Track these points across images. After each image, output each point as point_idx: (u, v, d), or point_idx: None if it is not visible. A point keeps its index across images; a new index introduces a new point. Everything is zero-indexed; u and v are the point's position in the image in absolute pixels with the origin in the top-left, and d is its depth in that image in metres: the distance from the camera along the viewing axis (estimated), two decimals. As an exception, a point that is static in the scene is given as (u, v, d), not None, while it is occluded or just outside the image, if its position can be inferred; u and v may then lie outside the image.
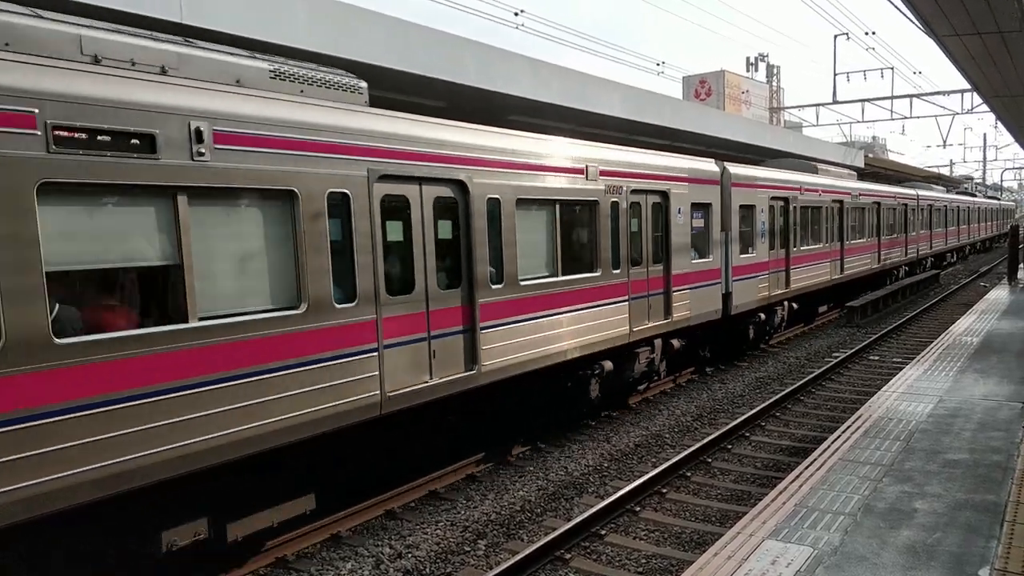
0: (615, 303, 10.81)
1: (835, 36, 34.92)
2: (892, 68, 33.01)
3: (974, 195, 54.69)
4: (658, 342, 12.13)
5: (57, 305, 5.04)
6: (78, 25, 5.52)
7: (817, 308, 21.21)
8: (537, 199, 9.31)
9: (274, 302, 6.36)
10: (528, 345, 9.14)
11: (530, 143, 9.27)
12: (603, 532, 7.46)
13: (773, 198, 16.03)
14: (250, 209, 6.22)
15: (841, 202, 20.62)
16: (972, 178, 79.11)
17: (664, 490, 8.55)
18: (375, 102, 8.07)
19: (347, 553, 7.25)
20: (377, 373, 7.16)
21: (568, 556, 6.97)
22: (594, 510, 7.57)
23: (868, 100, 35.55)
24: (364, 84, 7.62)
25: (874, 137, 78.83)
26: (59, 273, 5.07)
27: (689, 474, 9.07)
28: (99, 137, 5.17)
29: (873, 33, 30.96)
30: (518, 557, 6.59)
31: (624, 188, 10.92)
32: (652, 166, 11.74)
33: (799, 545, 5.13)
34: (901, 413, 8.31)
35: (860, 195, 22.39)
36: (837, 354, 16.31)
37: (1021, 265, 23.98)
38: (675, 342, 12.71)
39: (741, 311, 14.68)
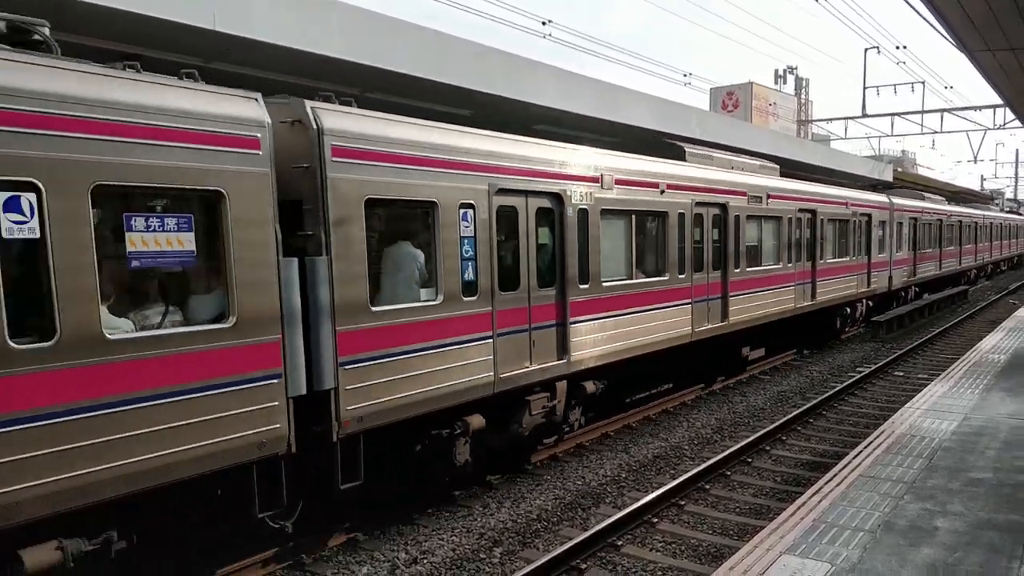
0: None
1: (865, 49, 34.81)
2: (923, 82, 32.74)
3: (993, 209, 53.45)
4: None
5: None
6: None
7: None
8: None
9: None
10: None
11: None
12: (620, 543, 7.43)
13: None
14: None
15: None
16: (1003, 193, 77.93)
17: (682, 502, 8.50)
18: (406, 111, 8.20)
19: (363, 557, 7.29)
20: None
21: (584, 566, 6.95)
22: (611, 520, 7.54)
23: (898, 114, 35.23)
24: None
25: (904, 151, 77.94)
26: None
27: (708, 487, 9.01)
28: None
29: (904, 47, 30.68)
30: (533, 566, 6.58)
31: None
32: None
33: (817, 561, 5.08)
34: (924, 430, 8.20)
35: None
36: (861, 369, 16.12)
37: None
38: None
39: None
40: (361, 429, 6.87)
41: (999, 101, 22.88)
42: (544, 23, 19.99)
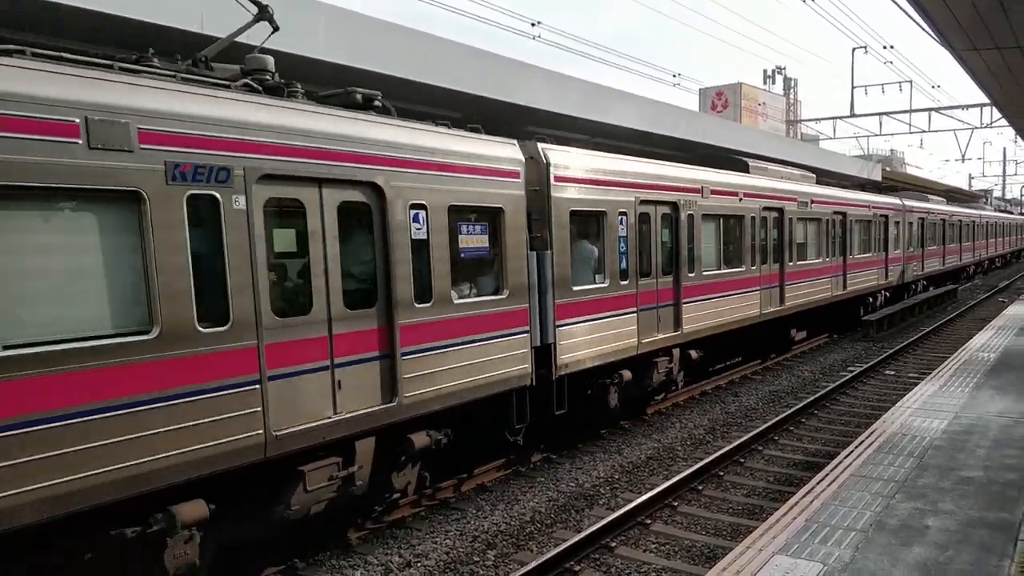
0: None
1: (853, 49, 34.92)
2: (911, 82, 32.95)
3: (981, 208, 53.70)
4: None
5: None
6: None
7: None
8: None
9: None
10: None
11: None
12: (613, 544, 7.44)
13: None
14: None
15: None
16: (991, 192, 78.42)
17: (675, 503, 8.52)
18: (403, 114, 8.25)
19: (356, 561, 7.27)
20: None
21: (578, 568, 6.96)
22: (604, 522, 7.55)
23: (886, 113, 35.42)
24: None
25: (892, 151, 78.34)
26: None
27: (701, 487, 9.03)
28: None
29: (891, 47, 30.83)
30: (527, 568, 6.58)
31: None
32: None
33: (809, 561, 5.10)
34: (915, 429, 8.24)
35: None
36: (852, 368, 16.19)
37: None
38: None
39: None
40: (567, 373, 9.66)
41: (986, 100, 23.02)
42: (534, 24, 20.00)
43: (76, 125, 4.97)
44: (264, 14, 7.50)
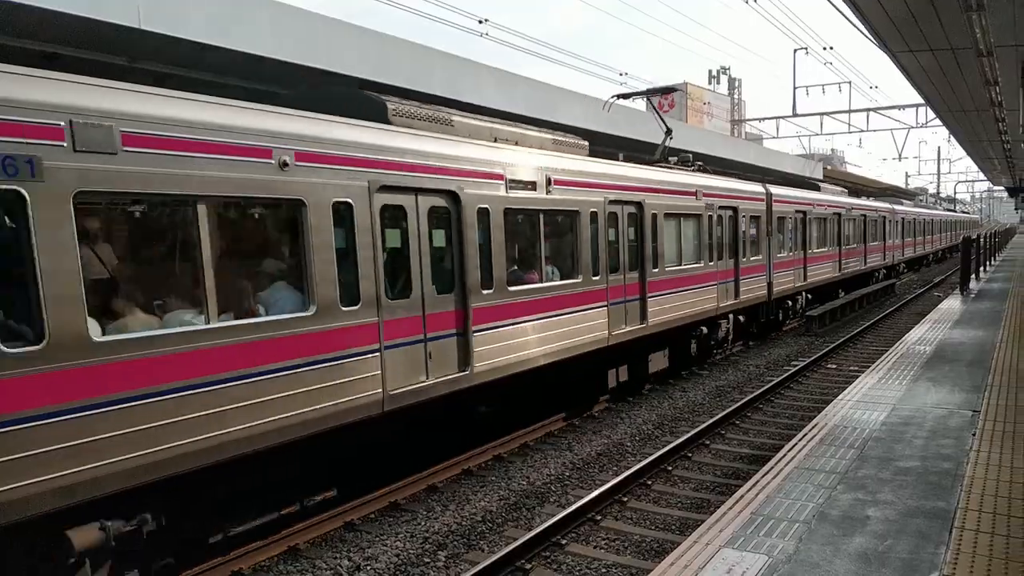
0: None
1: (795, 50, 35.54)
2: (850, 82, 33.78)
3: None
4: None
5: None
6: None
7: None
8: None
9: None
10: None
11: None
12: (564, 542, 7.47)
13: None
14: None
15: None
16: (927, 190, 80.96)
17: (625, 499, 8.59)
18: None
19: (304, 566, 7.16)
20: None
21: (529, 566, 6.97)
22: (555, 520, 7.57)
23: (827, 113, 36.24)
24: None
25: (833, 150, 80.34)
26: None
27: (650, 482, 9.13)
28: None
29: (831, 48, 31.55)
30: (477, 568, 6.56)
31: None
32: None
33: (755, 553, 5.18)
34: (856, 421, 8.45)
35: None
36: (796, 362, 16.55)
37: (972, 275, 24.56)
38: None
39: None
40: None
41: (921, 101, 23.71)
42: (481, 22, 19.95)
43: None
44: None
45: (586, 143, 11.86)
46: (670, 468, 9.65)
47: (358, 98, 8.52)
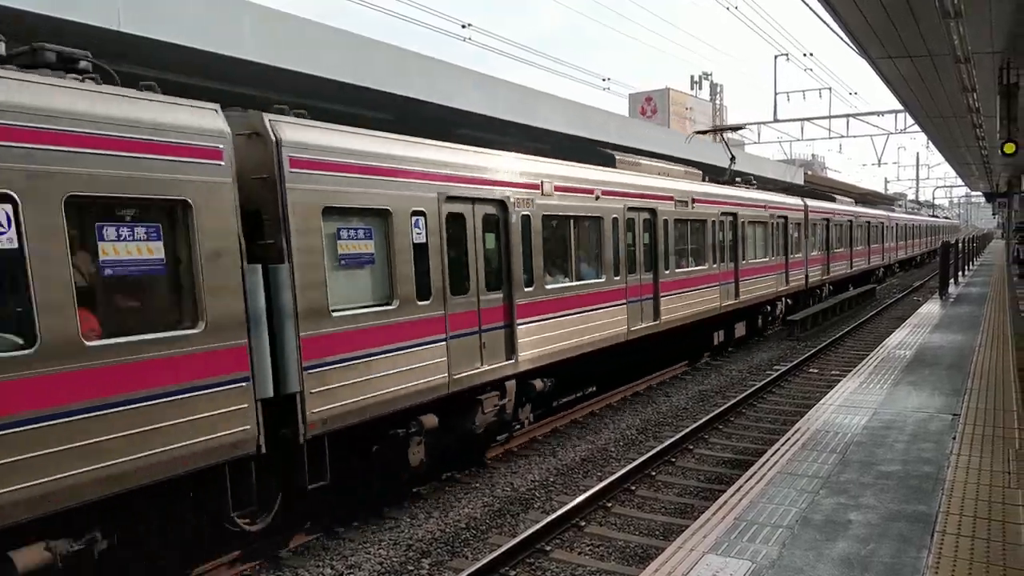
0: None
1: (775, 57, 35.89)
2: (830, 88, 34.03)
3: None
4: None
5: None
6: None
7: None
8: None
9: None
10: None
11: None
12: (548, 548, 7.45)
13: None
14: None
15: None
16: (905, 195, 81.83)
17: (609, 504, 8.58)
18: (337, 119, 8.16)
19: (287, 575, 7.09)
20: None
21: (513, 573, 6.94)
22: (539, 526, 7.55)
23: (807, 119, 36.45)
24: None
25: (813, 155, 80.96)
26: None
27: (634, 488, 9.13)
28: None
29: (811, 54, 31.88)
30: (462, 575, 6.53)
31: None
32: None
33: (739, 559, 5.19)
34: (838, 426, 8.49)
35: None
36: (778, 367, 16.63)
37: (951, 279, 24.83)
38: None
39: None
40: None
41: (900, 107, 23.95)
42: (464, 26, 19.96)
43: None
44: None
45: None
46: (654, 473, 9.66)
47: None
